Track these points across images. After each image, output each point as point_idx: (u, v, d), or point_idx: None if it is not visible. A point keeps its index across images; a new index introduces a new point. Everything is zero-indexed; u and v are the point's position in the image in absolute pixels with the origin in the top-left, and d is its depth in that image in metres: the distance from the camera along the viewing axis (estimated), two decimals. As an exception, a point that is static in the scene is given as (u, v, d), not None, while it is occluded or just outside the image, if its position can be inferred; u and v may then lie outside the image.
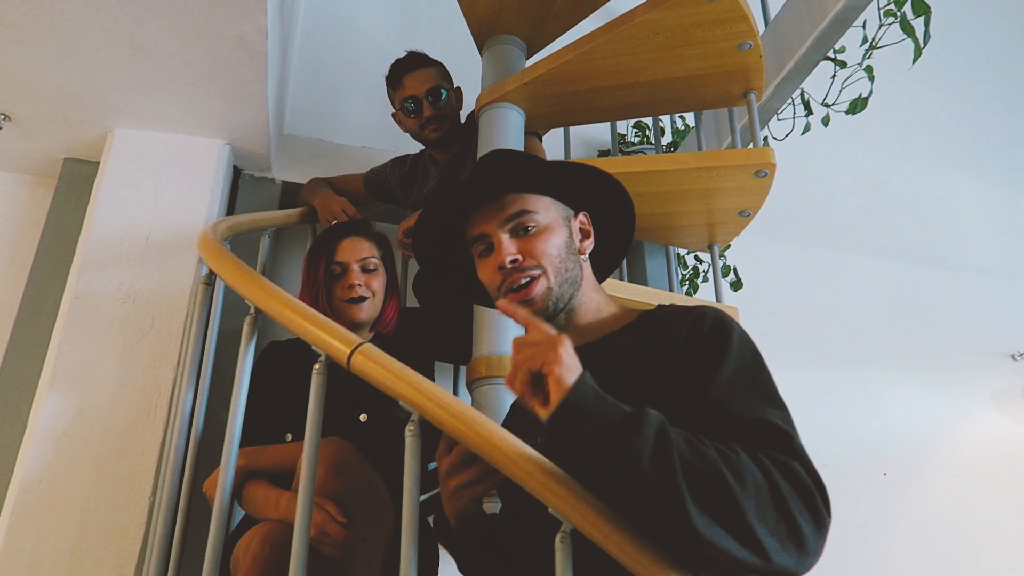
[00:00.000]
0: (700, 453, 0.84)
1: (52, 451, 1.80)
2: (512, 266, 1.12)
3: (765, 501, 0.83)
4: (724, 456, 0.85)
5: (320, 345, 1.16)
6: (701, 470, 0.82)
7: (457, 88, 2.24)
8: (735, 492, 0.82)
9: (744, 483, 0.83)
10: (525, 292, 1.11)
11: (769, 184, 1.93)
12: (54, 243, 2.21)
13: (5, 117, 2.15)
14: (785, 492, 0.85)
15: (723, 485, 0.82)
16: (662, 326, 1.08)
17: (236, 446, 1.34)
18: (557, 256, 1.14)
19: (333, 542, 1.32)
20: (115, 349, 1.93)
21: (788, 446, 0.91)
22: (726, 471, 0.83)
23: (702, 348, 1.01)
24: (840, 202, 3.50)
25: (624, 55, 1.90)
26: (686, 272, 2.76)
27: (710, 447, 0.86)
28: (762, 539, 0.81)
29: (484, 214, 1.17)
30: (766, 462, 0.86)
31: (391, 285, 1.88)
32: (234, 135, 2.25)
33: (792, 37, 2.09)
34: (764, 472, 0.85)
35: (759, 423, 0.93)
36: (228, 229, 1.78)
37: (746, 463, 0.85)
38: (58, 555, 1.72)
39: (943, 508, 3.04)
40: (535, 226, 1.15)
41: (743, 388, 0.97)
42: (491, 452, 0.94)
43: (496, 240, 1.15)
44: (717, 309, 1.08)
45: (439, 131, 2.15)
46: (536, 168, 1.19)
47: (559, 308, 1.13)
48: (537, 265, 1.12)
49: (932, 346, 3.36)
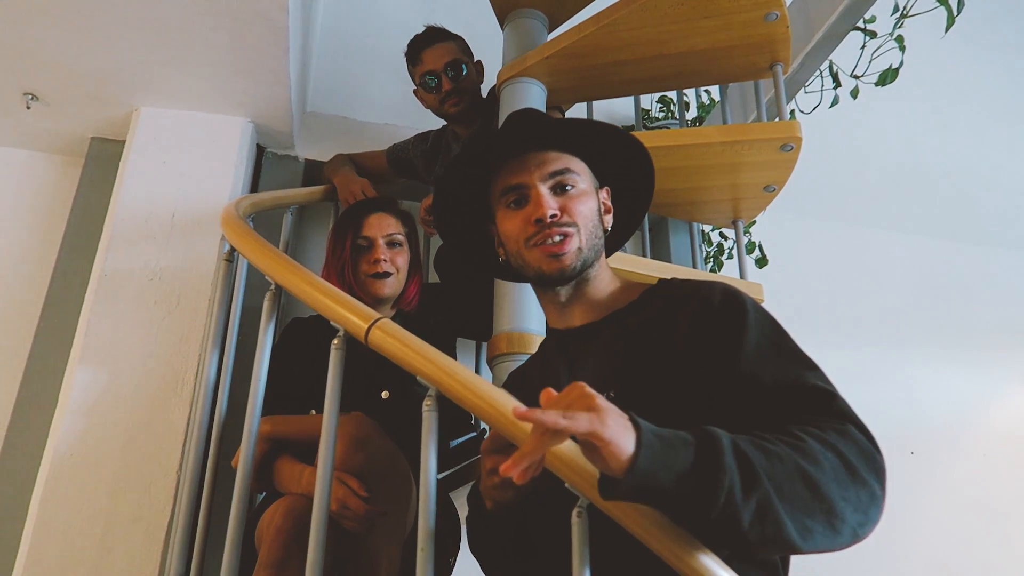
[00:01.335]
0: (776, 457, 0.81)
1: (83, 425, 1.84)
2: (552, 220, 1.11)
3: (844, 480, 0.83)
4: (796, 448, 0.83)
5: (338, 320, 1.16)
6: (785, 476, 0.80)
7: (478, 62, 2.22)
8: (821, 486, 0.81)
9: (823, 468, 0.82)
10: (559, 247, 1.10)
11: (795, 158, 1.90)
12: (82, 221, 2.24)
13: (33, 97, 2.18)
14: (856, 465, 0.85)
15: (810, 482, 0.81)
16: (667, 304, 1.08)
17: (257, 418, 1.35)
18: (591, 220, 1.14)
19: (355, 516, 1.33)
20: (142, 325, 1.96)
21: (832, 406, 0.91)
22: (806, 465, 0.81)
23: (718, 323, 1.00)
24: (869, 176, 3.43)
25: (647, 27, 1.87)
26: (710, 249, 2.73)
27: (777, 444, 0.83)
28: (850, 520, 0.83)
29: (523, 165, 1.15)
30: (830, 438, 0.85)
31: (415, 262, 1.89)
32: (257, 113, 2.26)
33: (821, 7, 2.04)
34: (834, 451, 0.85)
35: (798, 388, 0.93)
36: (251, 206, 1.79)
37: (815, 447, 0.84)
38: (90, 526, 1.76)
39: (971, 488, 3.00)
40: (574, 187, 1.15)
41: (772, 356, 0.97)
42: (509, 427, 0.94)
43: (535, 192, 1.13)
44: (724, 283, 1.07)
45: (459, 105, 2.14)
46: (580, 130, 1.18)
47: (580, 271, 1.13)
48: (573, 223, 1.12)
49: (962, 324, 3.30)
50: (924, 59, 2.47)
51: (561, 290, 1.15)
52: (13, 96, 2.17)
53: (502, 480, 0.97)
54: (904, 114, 3.41)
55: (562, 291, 1.15)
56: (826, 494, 0.81)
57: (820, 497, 0.81)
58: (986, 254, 3.50)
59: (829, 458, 0.84)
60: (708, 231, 2.76)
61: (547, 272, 1.12)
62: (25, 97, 2.17)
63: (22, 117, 2.26)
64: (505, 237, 1.18)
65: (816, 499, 0.81)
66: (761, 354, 0.96)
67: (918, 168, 3.48)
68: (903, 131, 3.47)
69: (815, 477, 0.81)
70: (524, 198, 1.15)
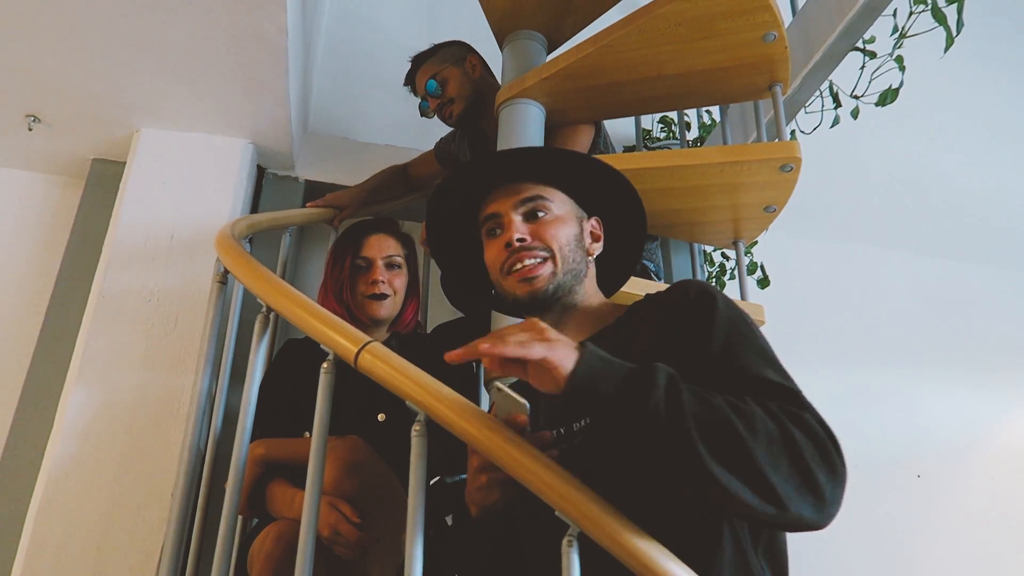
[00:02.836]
0: (707, 403, 0.85)
1: (78, 446, 1.83)
2: (520, 244, 1.13)
3: (778, 449, 0.83)
4: (733, 405, 0.85)
5: (328, 343, 1.15)
6: (710, 419, 0.83)
7: (471, 56, 2.22)
8: (745, 440, 0.82)
9: (755, 431, 0.83)
10: (529, 270, 1.12)
11: (795, 179, 1.88)
12: (82, 242, 2.25)
13: (35, 119, 2.19)
14: (799, 441, 0.84)
15: (733, 432, 0.82)
16: (651, 310, 1.09)
17: (247, 439, 1.34)
18: (566, 244, 1.15)
19: (347, 542, 1.31)
20: (140, 347, 1.95)
21: (796, 399, 0.91)
22: (735, 418, 0.83)
23: (691, 314, 1.02)
24: (871, 196, 3.41)
25: (645, 48, 1.86)
26: (712, 269, 2.72)
27: (718, 397, 0.86)
28: (776, 486, 0.81)
29: (498, 196, 1.19)
30: (777, 411, 0.86)
31: (412, 285, 1.88)
32: (257, 134, 2.27)
33: (820, 27, 2.04)
34: (776, 421, 0.85)
35: (762, 380, 0.93)
36: (247, 227, 1.79)
37: (756, 412, 0.85)
38: (84, 548, 1.74)
39: (979, 511, 2.96)
40: (547, 213, 1.17)
41: (740, 346, 0.97)
42: (499, 453, 0.93)
43: (507, 220, 1.16)
44: (701, 281, 1.11)
45: (452, 116, 2.17)
46: (556, 161, 1.21)
47: (557, 296, 1.14)
48: (546, 248, 1.14)
49: (968, 343, 3.27)
50: (924, 79, 2.46)
51: (546, 317, 1.14)
52: (15, 118, 2.19)
53: (488, 481, 0.99)
54: (906, 133, 3.39)
55: (546, 318, 1.14)
56: (750, 452, 0.81)
57: (742, 451, 0.81)
58: (989, 273, 3.47)
59: (768, 428, 0.84)
60: (710, 251, 2.74)
61: (520, 296, 1.14)
62: (27, 119, 2.19)
63: (24, 139, 2.27)
64: (488, 267, 1.20)
65: (738, 452, 0.81)
66: (731, 342, 0.97)
67: (920, 187, 3.47)
68: (905, 150, 3.46)
69: (742, 435, 0.82)
70: (499, 226, 1.18)
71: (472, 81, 2.18)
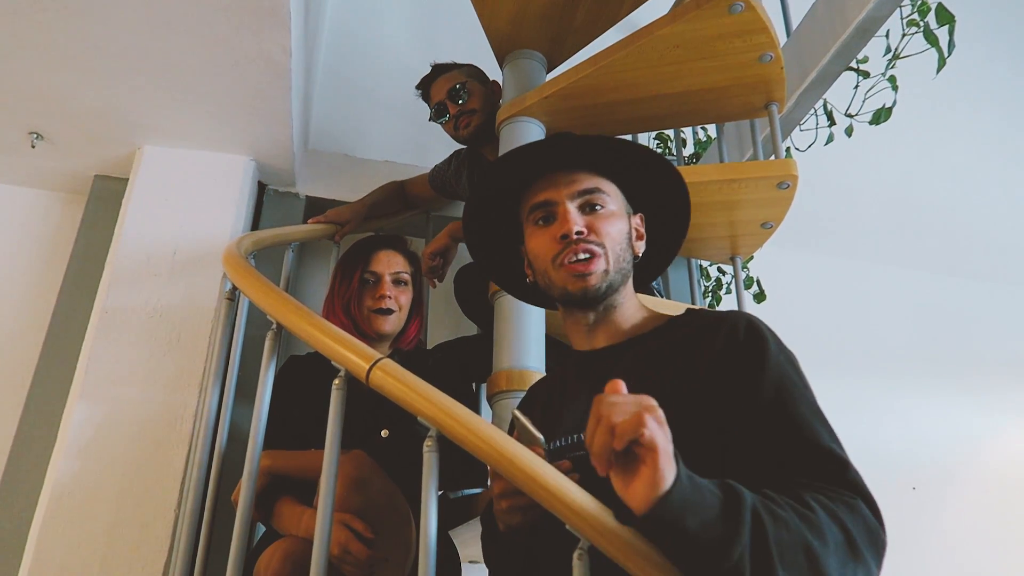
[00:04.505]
0: (784, 524, 0.80)
1: (80, 463, 1.83)
2: (578, 236, 1.09)
3: (843, 554, 0.83)
4: (804, 519, 0.82)
5: (340, 360, 1.17)
6: (790, 544, 0.79)
7: (493, 82, 2.26)
8: (820, 557, 0.80)
9: (826, 543, 0.81)
10: (585, 265, 1.09)
11: (791, 196, 1.92)
12: (85, 258, 2.25)
13: (38, 136, 2.20)
14: (859, 542, 0.84)
15: (811, 554, 0.80)
16: (694, 331, 1.05)
17: (258, 457, 1.35)
18: (619, 242, 1.12)
19: (355, 561, 1.31)
20: (142, 362, 1.96)
21: (845, 476, 0.89)
22: (811, 537, 0.81)
23: (740, 357, 0.98)
24: (865, 212, 3.46)
25: (643, 68, 1.89)
26: (708, 284, 2.75)
27: (788, 509, 0.82)
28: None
29: (552, 183, 1.15)
30: (840, 512, 0.84)
31: (417, 303, 1.90)
32: (259, 151, 2.29)
33: (814, 47, 2.08)
34: (840, 526, 0.83)
35: (814, 448, 0.91)
36: (252, 244, 1.80)
37: (823, 520, 0.83)
38: (88, 565, 1.74)
39: (973, 524, 2.98)
40: (603, 207, 1.13)
41: (791, 398, 0.94)
42: (509, 469, 0.94)
43: (563, 209, 1.12)
44: (750, 315, 1.04)
45: (469, 127, 2.18)
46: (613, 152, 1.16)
47: (606, 295, 1.11)
48: (599, 243, 1.10)
49: (962, 359, 3.31)
50: (917, 98, 2.50)
51: (590, 314, 1.14)
52: (18, 135, 2.20)
53: (510, 505, 0.97)
54: (899, 151, 3.45)
55: (590, 315, 1.14)
56: (824, 569, 0.80)
57: (818, 571, 0.80)
58: (982, 288, 3.52)
59: (834, 533, 0.83)
60: (706, 266, 2.77)
61: (572, 291, 1.10)
62: (30, 136, 2.20)
63: (27, 156, 2.28)
64: (532, 256, 1.17)
65: (813, 572, 0.80)
66: (780, 397, 0.94)
67: (914, 203, 3.52)
68: (898, 167, 3.51)
69: (817, 552, 0.80)
70: (552, 215, 1.14)
71: (492, 103, 2.21)
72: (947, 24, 1.91)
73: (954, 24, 1.92)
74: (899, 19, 2.00)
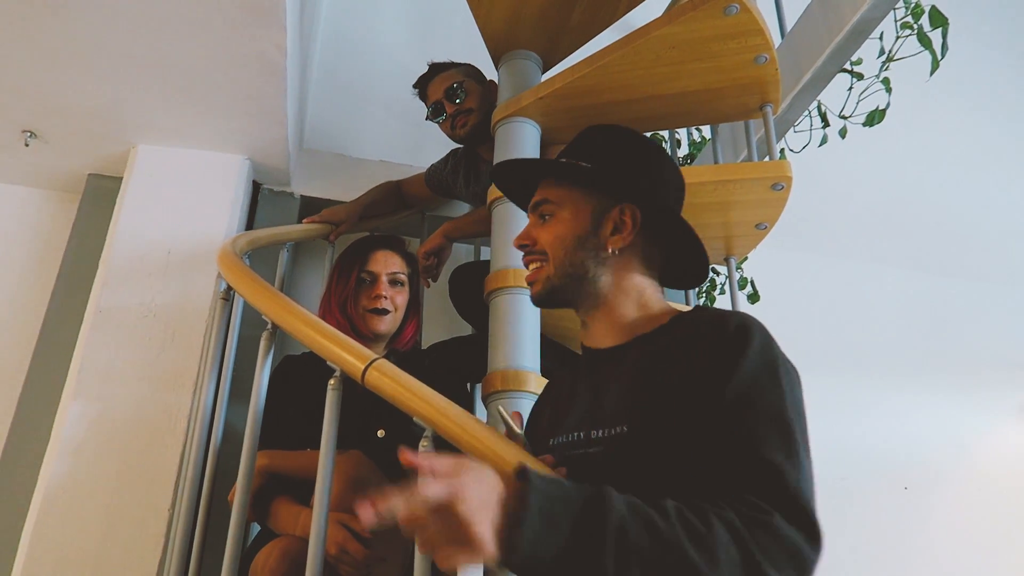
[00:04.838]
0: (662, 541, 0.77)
1: (74, 462, 1.82)
2: (523, 249, 1.17)
3: None
4: (694, 535, 0.78)
5: (335, 360, 1.17)
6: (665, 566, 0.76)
7: (490, 82, 2.26)
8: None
9: (717, 564, 0.77)
10: (531, 275, 1.16)
11: (785, 197, 1.92)
12: (78, 257, 2.25)
13: (32, 134, 2.20)
14: (764, 563, 0.79)
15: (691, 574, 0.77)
16: (690, 333, 1.03)
17: (253, 458, 1.35)
18: (562, 247, 1.13)
19: (353, 561, 1.32)
20: (136, 361, 1.96)
21: (775, 489, 0.85)
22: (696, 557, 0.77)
23: (722, 349, 0.96)
24: (859, 213, 3.47)
25: (639, 69, 1.90)
26: (703, 284, 2.75)
27: (676, 524, 0.79)
28: None
29: None
30: (741, 528, 0.80)
31: (413, 304, 1.90)
32: (254, 150, 2.28)
33: (809, 49, 2.09)
34: (739, 544, 0.79)
35: (750, 460, 0.87)
36: (247, 244, 1.80)
37: (719, 537, 0.79)
38: (81, 564, 1.74)
39: (965, 523, 3.00)
40: (551, 215, 1.16)
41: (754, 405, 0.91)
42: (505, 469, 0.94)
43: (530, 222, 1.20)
44: (747, 316, 1.02)
45: (465, 126, 2.17)
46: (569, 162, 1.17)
47: (550, 297, 1.14)
48: (542, 251, 1.15)
49: (955, 358, 3.32)
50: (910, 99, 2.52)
51: (577, 313, 1.17)
52: (12, 134, 2.19)
53: None
54: (892, 152, 3.46)
55: (578, 314, 1.17)
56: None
57: None
58: (975, 288, 3.53)
59: (731, 555, 0.78)
60: (700, 267, 2.77)
61: (531, 298, 1.17)
62: (24, 134, 2.19)
63: (20, 154, 2.27)
64: None
65: None
66: (739, 403, 0.91)
67: (907, 204, 3.53)
68: (891, 168, 3.53)
69: (700, 571, 0.76)
70: None
71: (489, 102, 2.21)
72: (940, 27, 1.93)
73: (947, 27, 1.93)
74: (893, 21, 2.01)
